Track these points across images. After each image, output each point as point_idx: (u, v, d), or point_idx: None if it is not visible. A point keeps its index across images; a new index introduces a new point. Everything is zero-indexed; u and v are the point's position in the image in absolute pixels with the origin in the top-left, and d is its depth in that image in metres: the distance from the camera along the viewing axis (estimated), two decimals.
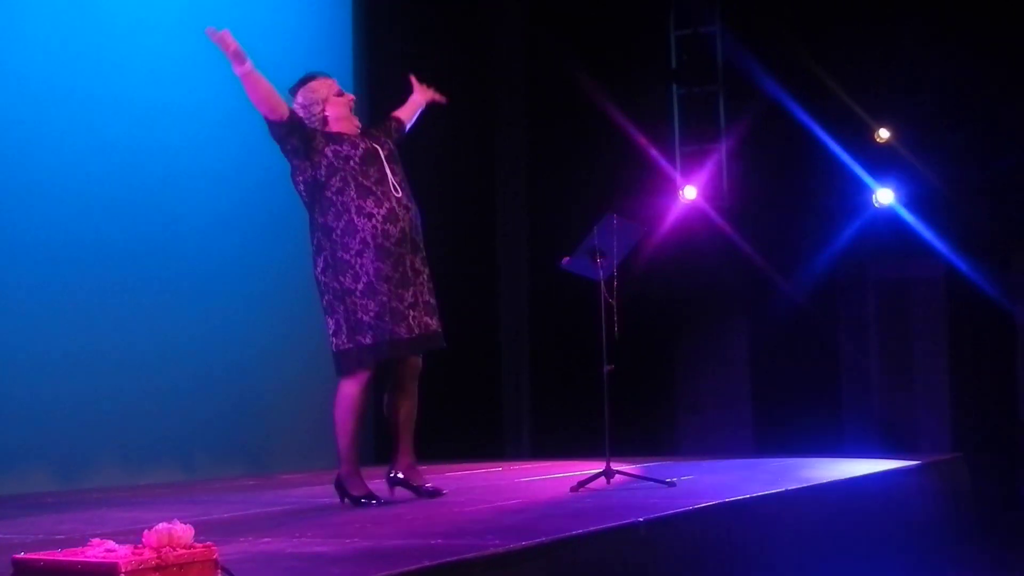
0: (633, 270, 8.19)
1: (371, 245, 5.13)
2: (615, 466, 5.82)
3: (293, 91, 5.40)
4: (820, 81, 10.74)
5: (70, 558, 2.98)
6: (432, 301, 5.33)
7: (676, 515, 4.63)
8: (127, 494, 6.52)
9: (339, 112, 5.34)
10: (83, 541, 3.12)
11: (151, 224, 7.76)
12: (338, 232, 5.14)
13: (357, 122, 5.44)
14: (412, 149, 9.80)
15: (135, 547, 2.98)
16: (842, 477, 6.48)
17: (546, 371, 10.83)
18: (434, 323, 5.32)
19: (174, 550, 2.96)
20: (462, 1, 10.60)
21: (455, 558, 3.45)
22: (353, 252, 5.13)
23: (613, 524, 4.25)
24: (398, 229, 5.21)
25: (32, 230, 7.11)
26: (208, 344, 7.99)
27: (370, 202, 5.17)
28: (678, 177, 11.28)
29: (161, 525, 3.01)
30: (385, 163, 5.32)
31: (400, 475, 5.50)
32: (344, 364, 5.22)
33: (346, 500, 5.31)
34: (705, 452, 10.30)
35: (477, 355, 10.45)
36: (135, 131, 7.74)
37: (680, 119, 11.40)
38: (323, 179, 5.19)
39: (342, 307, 5.14)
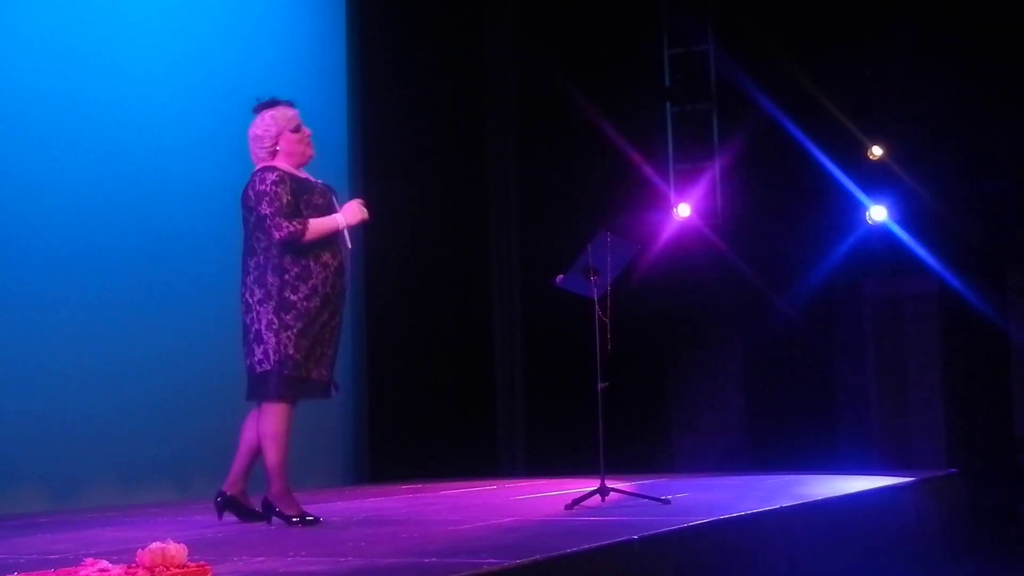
0: (627, 288, 8.20)
1: (319, 293, 5.30)
2: (610, 484, 5.81)
3: (258, 110, 5.47)
4: (813, 99, 10.78)
5: None
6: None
7: (671, 533, 4.62)
8: (121, 513, 6.50)
9: (292, 148, 5.44)
10: (77, 561, 3.12)
11: (145, 242, 7.74)
12: (291, 275, 5.28)
13: (312, 152, 5.53)
14: (405, 167, 9.90)
15: (129, 567, 2.97)
16: (838, 494, 6.48)
17: (540, 389, 10.83)
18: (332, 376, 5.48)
19: (168, 569, 2.96)
20: (455, 20, 10.62)
21: None
22: (302, 295, 5.27)
23: (608, 542, 4.24)
24: (343, 281, 5.43)
25: (25, 248, 7.09)
26: (202, 363, 7.97)
27: (328, 253, 5.35)
28: (672, 194, 11.31)
29: (155, 544, 3.01)
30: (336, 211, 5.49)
31: (230, 495, 5.53)
32: (271, 390, 5.29)
33: (273, 520, 5.33)
34: (700, 469, 10.29)
35: (471, 373, 10.44)
36: (136, 144, 7.71)
37: (674, 137, 11.44)
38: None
39: (275, 339, 5.24)
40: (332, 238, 5.37)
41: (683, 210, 11.21)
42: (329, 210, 5.39)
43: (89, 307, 7.36)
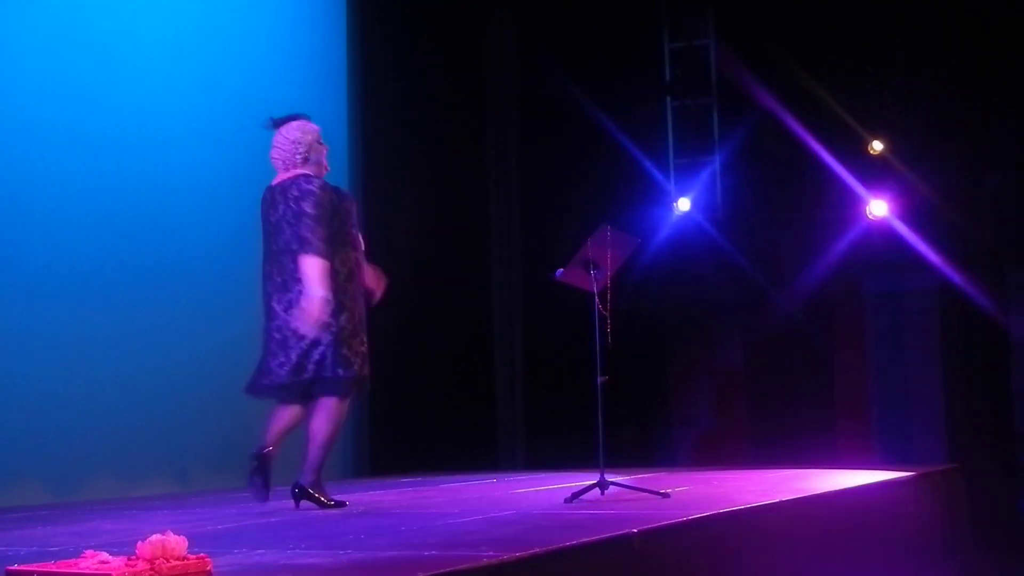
0: (627, 282, 8.20)
1: (360, 292, 5.79)
2: (609, 477, 5.82)
3: (280, 123, 5.87)
4: (814, 93, 10.78)
5: (64, 570, 2.98)
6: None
7: (670, 526, 4.62)
8: (121, 506, 6.51)
9: (319, 158, 5.85)
10: (77, 553, 3.13)
11: (145, 243, 7.75)
12: (342, 276, 5.68)
13: (328, 168, 5.94)
14: (407, 161, 9.89)
15: (129, 558, 2.98)
16: (837, 488, 6.48)
17: (540, 382, 10.84)
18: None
19: (167, 561, 2.97)
20: (455, 16, 10.61)
21: (449, 569, 3.45)
22: (350, 296, 5.70)
23: (607, 535, 4.25)
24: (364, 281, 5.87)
25: (27, 247, 7.11)
26: (202, 358, 7.98)
27: (360, 255, 5.85)
28: (672, 189, 11.30)
29: (155, 536, 3.01)
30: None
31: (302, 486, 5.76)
32: (344, 389, 5.72)
33: (301, 504, 5.69)
34: (699, 463, 10.30)
35: (471, 366, 10.45)
36: (135, 153, 7.74)
37: (674, 131, 11.43)
38: (335, 230, 5.71)
39: (334, 341, 5.61)
40: (355, 242, 5.79)
41: (683, 205, 11.21)
42: (351, 214, 5.81)
43: (89, 303, 7.38)
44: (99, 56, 7.61)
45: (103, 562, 2.96)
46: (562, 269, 5.93)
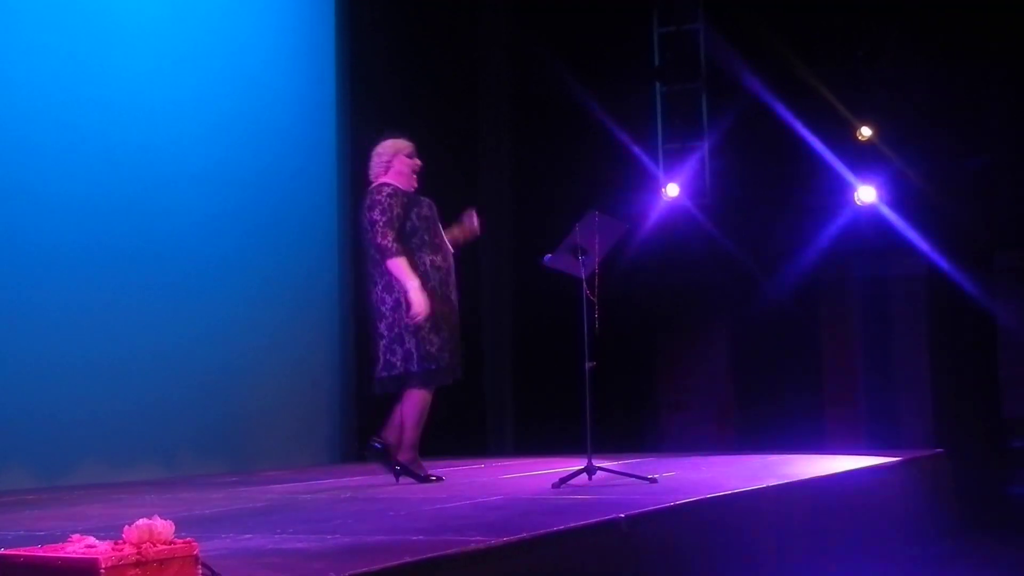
0: (615, 267, 8.20)
1: (437, 293, 6.14)
2: (597, 463, 5.83)
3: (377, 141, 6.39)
4: (803, 79, 10.77)
5: (50, 554, 2.97)
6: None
7: (657, 511, 4.63)
8: (108, 491, 6.50)
9: (403, 168, 6.29)
10: (63, 537, 3.12)
11: (135, 227, 7.74)
12: (419, 275, 6.05)
13: (415, 183, 6.36)
14: None
15: (115, 543, 2.97)
16: (824, 473, 6.50)
17: (529, 368, 10.83)
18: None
19: (154, 546, 2.95)
20: (447, 3, 10.57)
21: (437, 554, 3.45)
22: (439, 297, 6.13)
23: (594, 520, 4.25)
24: (452, 280, 6.30)
25: (18, 240, 7.09)
26: (191, 343, 7.98)
27: (439, 257, 6.21)
28: (661, 174, 11.30)
29: (141, 521, 3.00)
30: (440, 224, 6.35)
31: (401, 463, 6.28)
32: (419, 382, 6.18)
33: (400, 478, 6.22)
34: (687, 448, 10.32)
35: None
36: (124, 135, 7.74)
37: (663, 116, 11.42)
38: (407, 234, 6.16)
39: (414, 340, 6.08)
40: (438, 244, 6.21)
41: (672, 190, 11.20)
42: (435, 221, 6.26)
43: (78, 290, 7.38)
44: (88, 40, 7.59)
45: (90, 546, 2.95)
46: (550, 255, 5.93)
